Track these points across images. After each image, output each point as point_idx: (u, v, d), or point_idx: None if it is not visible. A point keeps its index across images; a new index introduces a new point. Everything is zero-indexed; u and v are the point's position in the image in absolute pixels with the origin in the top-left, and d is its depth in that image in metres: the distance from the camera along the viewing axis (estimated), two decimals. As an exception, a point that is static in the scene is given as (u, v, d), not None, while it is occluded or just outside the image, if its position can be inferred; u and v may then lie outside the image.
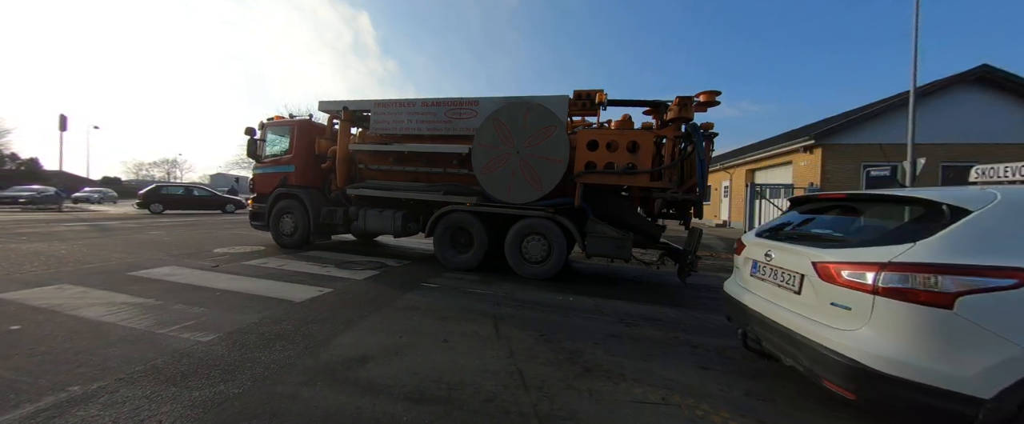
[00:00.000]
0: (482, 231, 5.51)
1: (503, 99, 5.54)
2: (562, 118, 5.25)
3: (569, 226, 5.10)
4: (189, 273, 4.69)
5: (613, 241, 4.96)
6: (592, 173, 5.06)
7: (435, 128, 5.92)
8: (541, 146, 5.08)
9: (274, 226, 7.08)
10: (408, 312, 3.52)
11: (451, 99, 5.83)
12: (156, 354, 2.43)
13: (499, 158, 5.27)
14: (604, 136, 5.07)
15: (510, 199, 5.31)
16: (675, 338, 3.15)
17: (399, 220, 6.03)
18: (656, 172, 4.92)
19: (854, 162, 11.80)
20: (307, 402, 1.96)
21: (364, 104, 6.39)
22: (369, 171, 6.53)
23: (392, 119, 6.14)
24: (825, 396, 2.28)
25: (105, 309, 3.23)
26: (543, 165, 5.10)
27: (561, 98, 5.36)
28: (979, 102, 11.67)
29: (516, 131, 5.18)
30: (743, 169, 17.08)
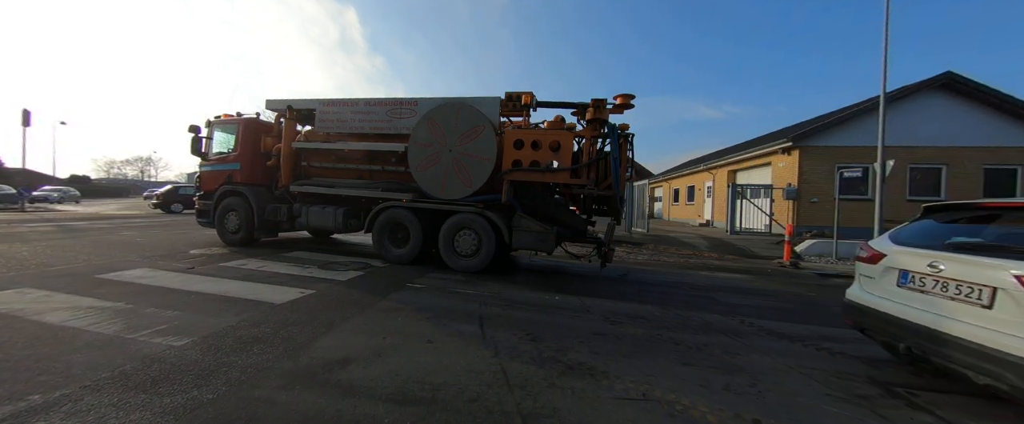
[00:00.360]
0: (418, 226, 5.77)
1: (441, 100, 5.75)
2: (494, 118, 5.51)
3: (497, 220, 5.36)
4: (162, 275, 4.51)
5: (536, 235, 5.26)
6: (518, 171, 5.34)
7: (377, 127, 6.13)
8: (471, 145, 5.37)
9: (219, 223, 7.12)
10: (393, 313, 3.48)
11: (392, 99, 6.13)
12: (125, 360, 2.33)
13: (433, 156, 5.55)
14: (529, 136, 5.34)
15: (443, 195, 5.59)
16: (658, 335, 3.21)
17: (340, 216, 6.21)
18: (575, 170, 5.23)
19: (829, 163, 12.26)
20: (285, 406, 1.92)
21: (310, 103, 6.54)
22: (314, 169, 6.73)
23: (337, 118, 6.32)
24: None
25: (69, 313, 3.08)
26: (473, 163, 5.39)
27: (494, 99, 5.61)
28: (944, 107, 12.30)
29: (448, 130, 5.46)
30: (725, 170, 17.52)
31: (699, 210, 20.25)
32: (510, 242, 5.35)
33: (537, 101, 5.64)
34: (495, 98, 5.60)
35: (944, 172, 12.35)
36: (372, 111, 6.15)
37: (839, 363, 2.81)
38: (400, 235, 5.99)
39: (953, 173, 12.27)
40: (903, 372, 2.70)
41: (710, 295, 4.84)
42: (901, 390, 2.42)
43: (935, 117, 12.25)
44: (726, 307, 4.26)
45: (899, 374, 2.66)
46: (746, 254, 8.90)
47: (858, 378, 2.57)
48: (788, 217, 12.40)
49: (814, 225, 11.64)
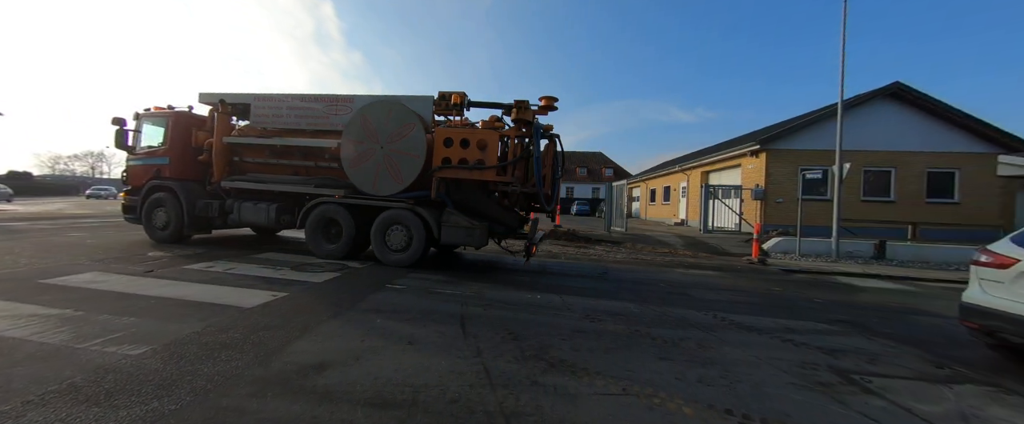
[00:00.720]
0: (350, 222, 5.86)
1: (377, 97, 5.86)
2: (426, 117, 5.73)
3: (426, 216, 5.53)
4: (116, 279, 4.19)
5: (465, 230, 5.44)
6: (447, 168, 5.45)
7: (313, 123, 6.16)
8: (402, 142, 5.51)
9: (146, 219, 6.90)
10: (371, 315, 3.39)
11: (328, 95, 6.17)
12: (74, 371, 2.15)
13: (365, 153, 5.64)
14: (458, 134, 5.47)
15: (375, 191, 5.69)
16: (636, 331, 3.30)
17: (273, 212, 6.23)
18: (500, 168, 5.38)
19: (793, 166, 12.99)
20: (256, 414, 1.83)
21: (245, 97, 6.49)
22: (248, 164, 6.67)
23: (272, 113, 6.32)
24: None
25: (8, 322, 2.81)
26: (404, 160, 5.53)
27: (427, 98, 5.80)
28: (893, 114, 13.31)
29: (380, 128, 5.57)
30: (699, 171, 18.22)
31: (674, 210, 20.96)
32: (439, 237, 5.50)
33: (470, 101, 5.80)
34: (428, 97, 5.79)
35: (893, 175, 13.36)
36: (308, 107, 6.18)
37: (803, 354, 2.98)
38: (333, 231, 6.05)
39: (901, 175, 13.30)
40: (859, 360, 2.90)
41: (685, 292, 5.02)
42: (857, 377, 2.60)
43: (886, 124, 13.24)
44: (700, 303, 4.43)
45: (856, 362, 2.86)
46: (718, 252, 9.29)
47: (819, 367, 2.73)
48: (756, 216, 13.05)
49: (780, 224, 12.31)
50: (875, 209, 12.94)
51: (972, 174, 13.00)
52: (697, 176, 18.21)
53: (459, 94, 5.72)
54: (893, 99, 13.29)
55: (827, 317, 4.12)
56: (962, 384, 2.58)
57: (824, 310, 4.45)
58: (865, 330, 3.70)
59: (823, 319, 4.03)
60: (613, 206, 13.44)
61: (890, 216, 12.51)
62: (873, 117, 13.26)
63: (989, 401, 2.36)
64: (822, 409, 2.15)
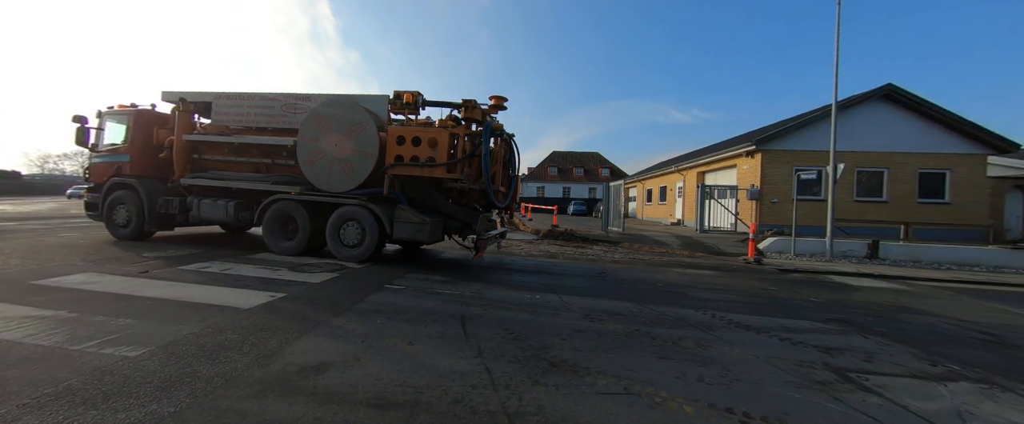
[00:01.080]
0: (306, 218, 6.02)
1: (332, 96, 6.02)
2: (381, 115, 5.93)
3: (379, 212, 5.69)
4: (111, 280, 4.14)
5: (415, 225, 5.61)
6: (400, 165, 5.60)
7: (272, 121, 6.32)
8: (355, 140, 5.66)
9: (107, 217, 6.98)
10: (371, 315, 3.38)
11: (287, 94, 6.35)
12: (71, 374, 2.12)
13: (320, 151, 5.77)
14: (410, 132, 5.61)
15: (329, 188, 5.84)
16: (636, 331, 3.31)
17: (232, 209, 6.32)
18: (449, 165, 5.50)
19: (788, 166, 13.12)
20: (257, 416, 1.81)
21: (206, 96, 6.65)
22: (209, 162, 6.78)
23: (233, 112, 6.48)
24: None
25: (1, 324, 2.76)
26: (357, 157, 5.67)
27: (382, 97, 6.01)
28: (886, 116, 13.49)
29: (335, 126, 5.71)
30: (694, 171, 18.34)
31: (671, 209, 21.08)
32: (391, 233, 5.68)
33: (424, 100, 5.96)
34: (383, 96, 6.00)
35: (886, 175, 13.54)
36: (268, 106, 6.33)
37: (800, 352, 3.02)
38: (290, 227, 6.20)
39: (893, 176, 13.48)
40: (855, 358, 2.94)
41: (683, 291, 5.06)
42: (854, 375, 2.63)
43: (879, 125, 13.42)
44: (698, 302, 4.46)
45: (852, 360, 2.90)
46: (715, 251, 9.36)
47: (816, 366, 2.77)
48: (752, 216, 13.16)
49: (775, 224, 12.42)
50: (868, 209, 13.11)
51: (963, 175, 13.21)
52: (693, 176, 18.33)
53: (412, 93, 5.84)
54: (886, 101, 13.47)
55: (823, 316, 4.17)
56: (957, 382, 2.62)
57: (820, 309, 4.50)
58: (861, 329, 3.74)
59: (819, 318, 4.08)
60: (610, 206, 13.49)
61: (883, 216, 12.67)
62: (866, 118, 13.43)
63: (983, 398, 2.40)
64: (821, 407, 2.17)
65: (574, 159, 51.85)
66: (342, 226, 5.90)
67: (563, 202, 34.93)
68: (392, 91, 5.99)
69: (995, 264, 8.29)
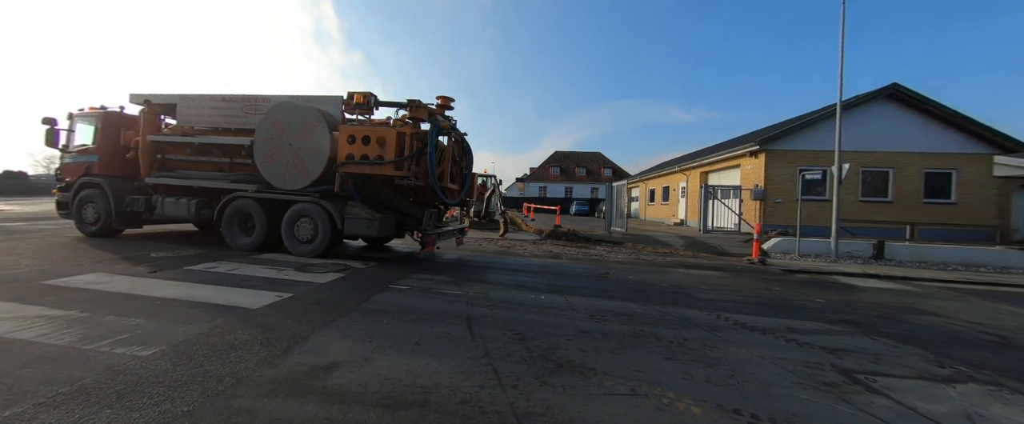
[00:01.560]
0: (263, 215, 6.26)
1: (292, 98, 6.27)
2: (335, 115, 6.16)
3: (330, 209, 5.91)
4: (120, 280, 4.18)
5: (365, 221, 5.80)
6: (351, 163, 5.76)
7: (232, 122, 6.60)
8: (308, 140, 5.92)
9: (77, 215, 7.24)
10: (377, 315, 3.40)
11: (247, 96, 6.60)
12: (85, 373, 2.15)
13: (275, 150, 6.04)
14: (360, 132, 5.78)
15: (284, 186, 6.11)
16: (641, 331, 3.32)
17: (193, 207, 6.58)
18: (397, 163, 5.66)
19: (792, 166, 13.06)
20: (269, 415, 1.84)
21: (171, 98, 6.95)
22: (173, 161, 7.05)
23: (196, 113, 6.78)
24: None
25: (14, 324, 2.80)
26: (310, 156, 5.93)
27: (336, 98, 6.21)
28: (891, 115, 13.40)
29: (288, 126, 5.98)
30: (698, 171, 18.28)
31: (674, 210, 21.02)
32: (342, 229, 5.88)
33: (377, 100, 6.09)
34: (338, 97, 6.19)
35: (891, 175, 13.46)
36: (228, 107, 6.61)
37: (807, 353, 3.01)
38: (248, 224, 6.42)
39: (899, 176, 13.40)
40: (863, 360, 2.93)
41: (688, 292, 5.05)
42: (862, 377, 2.62)
43: (884, 125, 13.34)
44: (703, 303, 4.46)
45: (859, 362, 2.89)
46: (718, 252, 9.33)
47: (824, 367, 2.76)
48: (756, 216, 13.11)
49: (779, 224, 12.38)
50: (873, 209, 13.03)
51: (969, 175, 13.11)
52: (696, 176, 18.27)
53: (363, 94, 5.99)
54: (891, 100, 13.38)
55: (829, 317, 4.16)
56: (965, 383, 2.61)
57: (826, 310, 4.48)
58: (867, 330, 3.73)
59: (825, 319, 4.07)
60: (613, 206, 13.47)
61: (888, 216, 12.59)
62: (871, 118, 13.35)
63: (992, 400, 2.39)
64: (829, 409, 2.17)
65: (576, 159, 51.81)
66: (296, 222, 6.12)
67: (565, 202, 34.89)
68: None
69: (1002, 265, 8.23)
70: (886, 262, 8.49)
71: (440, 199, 6.33)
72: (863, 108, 13.32)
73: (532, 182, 48.15)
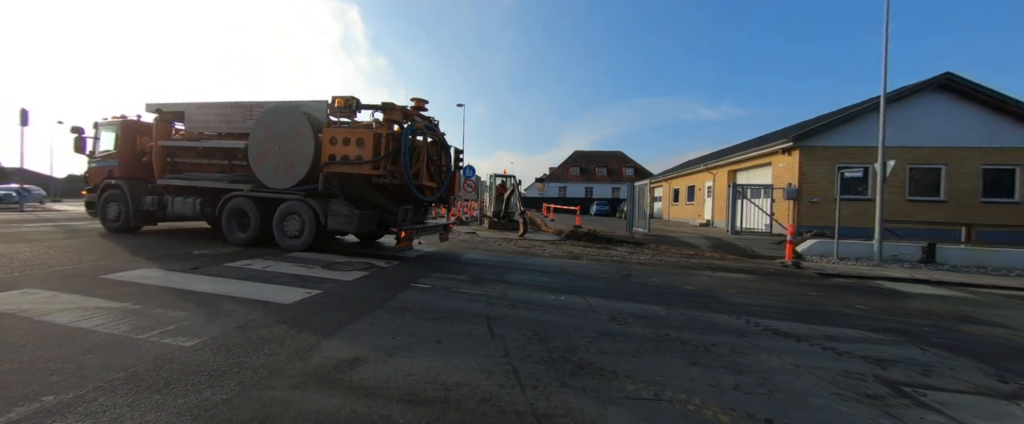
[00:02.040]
0: (257, 213, 6.79)
1: (278, 103, 6.76)
2: (320, 118, 6.57)
3: (315, 206, 6.39)
4: (167, 275, 4.50)
5: (346, 218, 6.21)
6: (333, 164, 6.16)
7: (233, 127, 7.14)
8: (294, 142, 6.38)
9: (102, 213, 8.10)
10: (400, 313, 3.48)
11: (245, 103, 7.13)
12: (136, 361, 2.33)
13: (266, 152, 6.55)
14: (341, 133, 6.18)
15: (274, 185, 6.59)
16: (665, 335, 3.22)
17: (198, 205, 7.25)
18: (374, 162, 6.02)
19: (829, 163, 12.31)
20: (299, 406, 1.92)
21: (180, 106, 7.63)
22: (183, 164, 7.72)
23: (202, 119, 7.40)
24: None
25: (77, 314, 3.07)
26: (296, 157, 6.38)
27: (321, 102, 6.62)
28: (943, 108, 12.36)
29: (277, 130, 6.47)
30: (725, 170, 17.56)
31: (699, 210, 20.30)
32: (326, 224, 6.30)
33: (359, 103, 6.54)
34: (323, 101, 6.61)
35: (943, 172, 12.41)
36: (229, 113, 7.19)
37: (846, 363, 2.83)
38: (244, 221, 6.95)
39: (952, 173, 12.34)
40: (911, 371, 2.72)
41: (714, 295, 4.86)
42: (909, 390, 2.43)
43: (934, 118, 12.32)
44: (731, 307, 4.28)
45: (907, 373, 2.68)
46: (748, 254, 8.93)
47: (866, 378, 2.58)
48: (789, 217, 12.44)
49: (814, 225, 11.69)
50: (923, 209, 12.07)
51: (1036, 171, 11.88)
52: (724, 175, 17.56)
53: (344, 98, 6.42)
54: (943, 91, 12.35)
55: (872, 325, 3.88)
56: (1032, 401, 2.37)
57: (868, 317, 4.19)
58: (916, 339, 3.46)
59: (868, 327, 3.80)
60: (635, 206, 13.17)
61: (940, 217, 11.62)
62: (920, 111, 12.37)
63: (1065, 420, 2.16)
64: (872, 422, 2.03)
65: (597, 159, 51.05)
66: (285, 219, 6.64)
67: (586, 203, 34.47)
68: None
69: (1077, 271, 7.40)
70: (937, 266, 7.84)
71: (416, 196, 6.65)
72: (910, 101, 12.36)
73: (551, 182, 47.86)
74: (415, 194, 6.57)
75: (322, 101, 6.61)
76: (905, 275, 6.94)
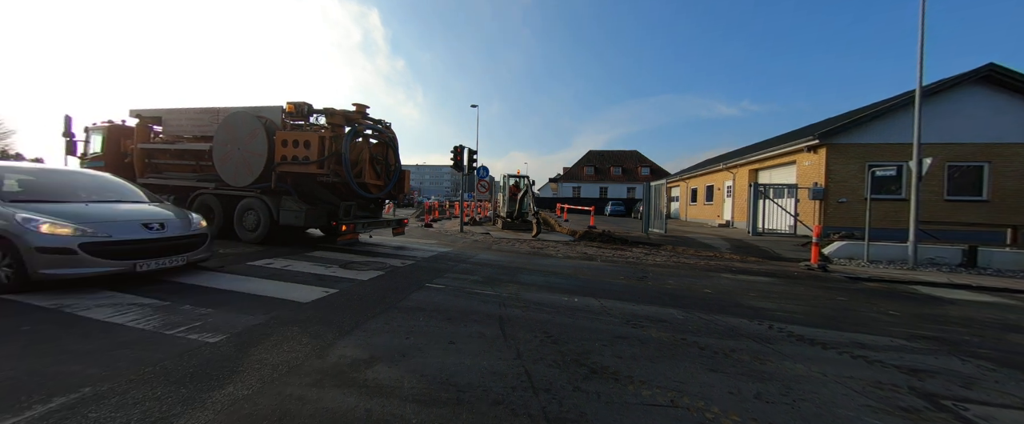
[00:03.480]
0: (220, 208, 7.55)
1: (239, 109, 7.37)
2: (274, 122, 7.17)
3: (268, 202, 7.04)
4: (195, 273, 4.70)
5: (294, 212, 6.84)
6: (284, 164, 6.79)
7: (204, 130, 7.83)
8: (251, 144, 7.01)
9: None
10: (414, 313, 3.52)
11: (213, 108, 7.83)
12: (164, 355, 2.44)
13: (228, 153, 7.23)
14: (291, 136, 6.80)
15: (234, 183, 7.25)
16: (682, 340, 3.14)
17: (170, 202, 7.59)
18: (319, 163, 6.61)
19: (859, 162, 11.73)
20: (316, 403, 1.96)
21: (158, 111, 8.40)
22: (160, 164, 8.47)
23: (176, 123, 8.15)
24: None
25: (113, 309, 3.25)
26: (253, 158, 7.01)
27: (277, 107, 7.28)
28: (986, 101, 11.58)
29: (236, 133, 7.13)
30: (746, 169, 17.00)
31: (718, 210, 19.72)
32: (278, 219, 6.93)
33: (310, 107, 7.25)
34: (278, 106, 7.27)
35: (986, 170, 11.63)
36: (199, 118, 7.91)
37: (878, 372, 2.68)
38: (211, 216, 7.56)
39: (997, 171, 11.54)
40: (950, 383, 2.55)
41: (735, 299, 4.70)
42: (949, 403, 2.28)
43: (976, 112, 11.55)
44: (752, 311, 4.13)
45: (946, 385, 2.52)
46: (770, 256, 8.61)
47: (900, 389, 2.44)
48: (814, 218, 11.93)
49: (842, 226, 11.16)
50: (963, 210, 11.33)
51: (1094, 168, 10.97)
52: (744, 174, 17.00)
53: (294, 104, 7.15)
54: (986, 83, 11.55)
55: (907, 332, 3.67)
56: (1090, 419, 2.18)
57: (902, 324, 3.96)
58: (956, 349, 3.24)
59: (901, 334, 3.59)
60: (651, 207, 12.90)
61: (982, 218, 10.90)
62: (960, 105, 11.62)
63: None
64: (906, 437, 1.91)
65: (612, 158, 50.36)
66: (243, 214, 7.29)
67: (600, 203, 34.07)
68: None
69: None
70: (980, 271, 7.34)
71: (358, 194, 7.15)
72: (948, 94, 11.63)
73: (565, 182, 47.50)
74: (358, 192, 7.06)
75: (277, 106, 7.27)
76: (943, 280, 6.53)
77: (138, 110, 8.50)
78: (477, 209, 19.32)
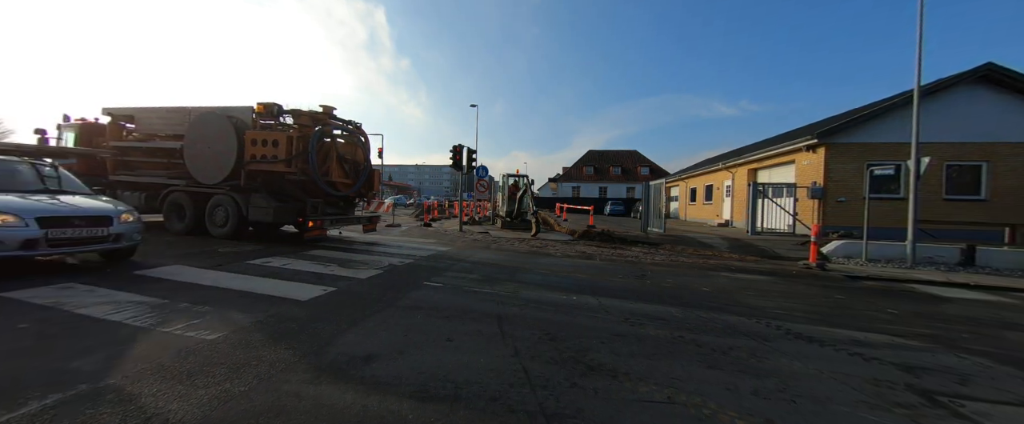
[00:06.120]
0: (191, 205, 7.71)
1: (209, 109, 7.57)
2: (244, 121, 7.31)
3: (238, 199, 7.24)
4: (193, 272, 4.70)
5: (263, 209, 6.99)
6: (254, 162, 7.00)
7: (175, 129, 7.96)
8: (221, 143, 7.19)
9: None
10: (412, 311, 3.52)
11: (184, 107, 7.98)
12: (162, 352, 2.44)
13: (198, 152, 7.40)
14: (260, 136, 7.00)
15: (205, 181, 7.43)
16: (680, 337, 3.14)
17: (142, 198, 8.13)
18: (287, 161, 6.82)
19: (858, 161, 11.75)
20: (313, 400, 1.96)
21: (129, 110, 8.56)
22: (133, 162, 8.56)
23: (148, 122, 8.32)
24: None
25: (111, 307, 3.24)
26: (222, 156, 7.20)
27: (247, 107, 7.45)
28: (984, 100, 11.60)
29: (207, 132, 7.31)
30: (745, 168, 17.01)
31: (717, 210, 19.73)
32: (247, 215, 7.11)
33: (280, 108, 7.40)
34: (248, 107, 7.44)
35: (985, 169, 11.65)
36: (170, 116, 8.07)
37: (874, 369, 2.68)
38: (182, 213, 7.80)
39: (996, 170, 11.56)
40: (947, 380, 2.56)
41: (733, 297, 4.71)
42: (945, 400, 2.29)
43: (974, 112, 11.57)
44: (750, 309, 4.13)
45: (943, 382, 2.52)
46: (769, 255, 8.62)
47: (896, 386, 2.44)
48: (813, 217, 11.94)
49: (841, 225, 11.17)
50: (961, 209, 11.36)
51: (1092, 168, 10.99)
52: (743, 174, 17.02)
53: (264, 104, 7.27)
54: (984, 83, 11.58)
55: (904, 330, 3.68)
56: (1085, 415, 2.18)
57: (899, 322, 3.97)
58: (953, 346, 3.25)
59: (899, 332, 3.60)
60: (650, 206, 12.91)
61: (980, 217, 10.92)
62: (958, 105, 11.65)
63: (1124, 438, 1.98)
64: (902, 433, 1.92)
65: (611, 158, 50.38)
66: (214, 211, 7.49)
67: (600, 202, 34.06)
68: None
69: None
70: (977, 270, 7.36)
71: (325, 192, 7.31)
72: (947, 94, 11.66)
73: (565, 182, 47.52)
74: (325, 189, 7.22)
75: (248, 106, 7.43)
76: (941, 278, 6.54)
77: (110, 108, 8.65)
78: (476, 209, 19.31)
